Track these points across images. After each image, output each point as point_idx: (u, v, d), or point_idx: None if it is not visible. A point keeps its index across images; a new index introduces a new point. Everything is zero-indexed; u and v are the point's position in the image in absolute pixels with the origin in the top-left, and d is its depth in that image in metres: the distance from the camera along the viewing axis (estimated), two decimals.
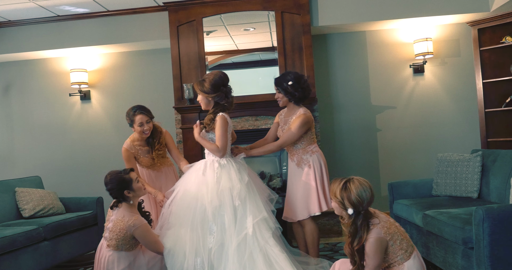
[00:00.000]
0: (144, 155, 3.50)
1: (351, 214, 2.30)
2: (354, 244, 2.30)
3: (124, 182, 2.93)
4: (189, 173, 3.20)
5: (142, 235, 2.86)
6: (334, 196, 2.37)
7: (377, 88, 5.14)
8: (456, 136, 5.07)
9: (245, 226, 2.91)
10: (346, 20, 4.82)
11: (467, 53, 5.05)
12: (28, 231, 3.54)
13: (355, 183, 2.31)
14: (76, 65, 5.31)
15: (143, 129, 3.38)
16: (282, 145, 3.30)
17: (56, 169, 5.37)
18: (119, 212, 2.92)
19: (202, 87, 3.09)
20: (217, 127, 3.04)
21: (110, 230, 2.90)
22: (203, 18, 4.83)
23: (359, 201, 2.28)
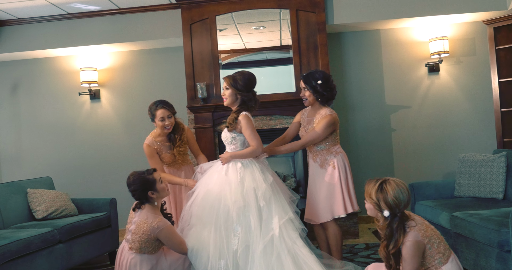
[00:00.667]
0: (166, 151, 3.43)
1: (387, 216, 2.25)
2: (390, 247, 2.23)
3: (148, 183, 2.85)
4: (211, 173, 3.13)
5: (167, 237, 2.79)
6: (369, 198, 2.30)
7: (391, 88, 5.08)
8: (472, 136, 5.01)
9: (271, 227, 2.85)
10: (361, 19, 4.75)
11: (483, 52, 4.99)
12: (43, 233, 3.46)
13: (392, 184, 2.25)
14: (86, 63, 5.22)
15: (164, 124, 3.32)
16: (305, 144, 3.23)
17: (65, 170, 5.27)
18: (142, 214, 2.84)
19: (235, 83, 3.03)
20: (244, 127, 2.99)
21: (133, 232, 2.82)
22: (217, 16, 4.75)
23: (396, 203, 2.21)
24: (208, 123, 4.66)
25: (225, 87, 3.06)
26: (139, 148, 5.19)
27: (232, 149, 3.11)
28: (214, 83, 4.75)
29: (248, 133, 3.00)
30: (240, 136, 3.07)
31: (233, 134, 3.06)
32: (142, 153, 5.15)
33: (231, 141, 3.09)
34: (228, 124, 3.06)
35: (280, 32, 4.97)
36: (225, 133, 3.14)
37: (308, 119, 3.36)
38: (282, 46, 4.92)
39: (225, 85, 3.06)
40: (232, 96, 3.06)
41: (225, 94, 3.07)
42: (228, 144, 3.12)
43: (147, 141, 3.42)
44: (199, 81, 4.74)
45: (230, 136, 3.08)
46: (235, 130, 3.05)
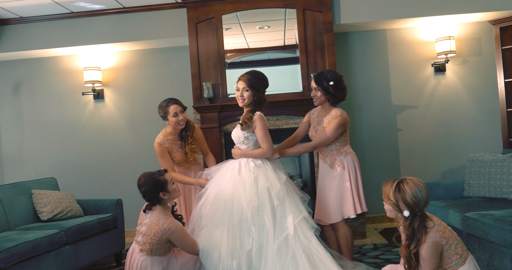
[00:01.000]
0: (177, 150, 3.40)
1: (408, 216, 2.22)
2: (411, 247, 2.21)
3: (159, 184, 2.82)
4: (222, 173, 3.09)
5: (178, 238, 2.76)
6: (387, 199, 2.28)
7: (397, 87, 5.06)
8: (478, 136, 5.00)
9: (285, 226, 2.82)
10: (368, 18, 4.72)
11: (489, 52, 4.98)
12: (50, 235, 3.42)
13: (409, 183, 2.23)
14: (90, 63, 5.17)
15: (178, 119, 3.29)
16: (316, 146, 3.21)
17: (69, 170, 5.22)
18: (153, 215, 2.80)
19: (255, 84, 3.03)
20: (258, 128, 2.97)
21: (144, 234, 2.78)
22: (223, 15, 4.72)
23: (415, 202, 2.20)
24: (214, 123, 4.63)
25: (244, 88, 3.01)
26: (143, 148, 5.18)
27: (245, 149, 3.08)
28: (220, 82, 4.71)
29: (261, 134, 2.98)
30: (253, 136, 3.04)
31: (246, 133, 3.03)
32: (146, 153, 5.16)
33: (244, 141, 3.06)
34: (243, 122, 3.02)
35: (284, 32, 4.95)
36: (237, 133, 3.10)
37: (318, 119, 3.34)
38: (285, 45, 4.89)
39: (243, 86, 3.01)
40: (250, 97, 3.03)
41: (244, 96, 3.02)
42: (240, 143, 3.09)
43: (158, 139, 3.39)
44: (205, 81, 4.70)
45: (242, 135, 3.05)
46: (248, 130, 3.02)
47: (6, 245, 3.09)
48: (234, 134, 3.14)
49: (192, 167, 3.51)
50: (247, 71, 3.10)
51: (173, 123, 3.33)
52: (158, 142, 3.38)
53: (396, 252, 3.90)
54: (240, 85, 3.03)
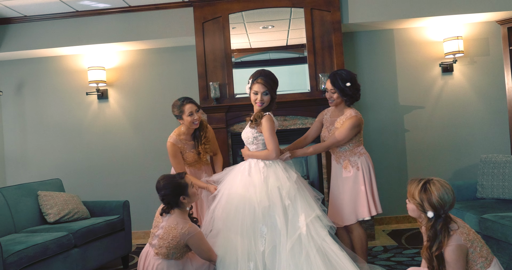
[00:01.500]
0: (190, 150, 3.36)
1: (431, 218, 2.18)
2: (433, 249, 2.17)
3: (180, 188, 2.75)
4: (233, 175, 3.05)
5: (197, 243, 2.70)
6: (412, 198, 2.25)
7: (405, 88, 5.03)
8: (485, 137, 4.99)
9: (297, 225, 2.78)
10: (375, 18, 4.68)
11: (497, 52, 4.96)
12: (59, 238, 3.37)
13: (436, 184, 2.19)
14: (94, 62, 5.10)
15: (193, 118, 3.25)
16: (330, 146, 3.16)
17: (72, 171, 5.14)
18: (171, 219, 2.74)
19: (274, 87, 3.00)
20: (265, 128, 2.93)
21: (160, 237, 2.72)
22: (230, 15, 4.67)
23: (440, 204, 2.16)
24: (221, 123, 4.57)
25: (263, 92, 2.95)
26: (148, 149, 5.12)
27: (254, 149, 3.04)
28: (227, 82, 4.66)
29: (267, 135, 2.93)
30: (261, 136, 3.01)
31: (255, 133, 3.00)
32: (151, 153, 5.10)
33: (253, 141, 3.02)
34: (253, 119, 2.97)
35: (288, 32, 4.90)
36: (246, 133, 3.06)
37: (331, 120, 3.29)
38: (289, 45, 4.84)
39: (263, 90, 2.95)
40: (268, 100, 3.00)
41: (263, 100, 2.97)
42: (250, 144, 3.05)
43: (171, 139, 3.34)
44: (211, 81, 4.65)
45: (252, 135, 3.01)
46: (257, 129, 2.98)
47: (15, 248, 3.03)
48: (243, 134, 3.10)
49: (203, 167, 3.48)
50: (260, 73, 3.02)
51: (188, 123, 3.28)
52: (172, 142, 3.33)
53: (407, 254, 3.87)
54: (259, 89, 2.96)
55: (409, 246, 4.14)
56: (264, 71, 3.05)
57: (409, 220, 4.99)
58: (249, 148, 3.08)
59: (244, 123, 4.64)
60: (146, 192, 5.06)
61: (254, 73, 3.06)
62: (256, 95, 2.98)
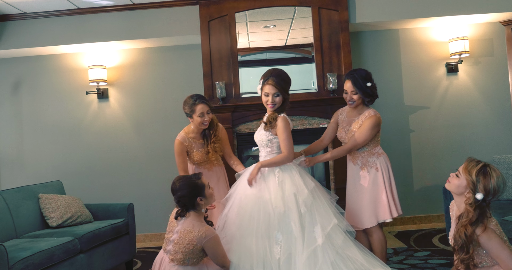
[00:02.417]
0: (198, 149, 3.24)
1: (479, 200, 2.14)
2: (473, 228, 2.13)
3: (197, 188, 2.64)
4: (246, 179, 2.94)
5: (213, 247, 2.59)
6: (467, 174, 2.21)
7: (410, 88, 5.00)
8: (490, 137, 4.98)
9: (313, 236, 2.69)
10: (383, 18, 4.65)
11: (501, 52, 4.97)
12: (65, 243, 3.22)
13: (497, 171, 2.17)
14: (95, 61, 4.96)
15: (203, 120, 3.14)
16: (352, 148, 3.08)
17: (71, 173, 4.98)
18: (187, 223, 2.63)
19: (286, 87, 2.88)
20: (281, 130, 2.83)
21: (176, 242, 2.60)
22: (236, 13, 4.58)
23: (495, 190, 2.14)
24: (227, 123, 4.47)
25: (274, 94, 2.84)
26: (149, 150, 5.00)
27: (268, 152, 2.93)
28: (233, 82, 4.57)
29: (283, 137, 2.83)
30: (276, 138, 2.90)
31: (269, 136, 2.89)
32: (153, 154, 4.98)
33: (267, 144, 2.91)
34: (268, 122, 2.86)
35: (289, 31, 4.84)
36: (260, 135, 2.94)
37: (349, 120, 3.21)
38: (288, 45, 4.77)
39: (274, 91, 2.83)
40: (280, 102, 2.88)
41: (275, 101, 2.85)
42: (264, 146, 2.93)
43: (180, 137, 3.23)
44: (217, 80, 4.55)
45: (266, 138, 2.90)
46: (271, 132, 2.88)
47: (20, 255, 2.88)
48: (257, 137, 2.98)
49: (214, 168, 3.34)
50: (271, 73, 2.89)
51: (197, 123, 3.18)
52: (179, 140, 3.22)
53: (420, 257, 3.82)
54: (270, 90, 2.84)
55: (419, 248, 4.10)
56: (275, 71, 2.91)
57: (414, 221, 4.96)
58: (262, 150, 2.97)
59: (250, 123, 4.57)
60: (147, 194, 4.94)
61: (265, 73, 2.93)
62: (267, 97, 2.86)
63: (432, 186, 4.97)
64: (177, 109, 4.98)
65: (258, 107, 4.49)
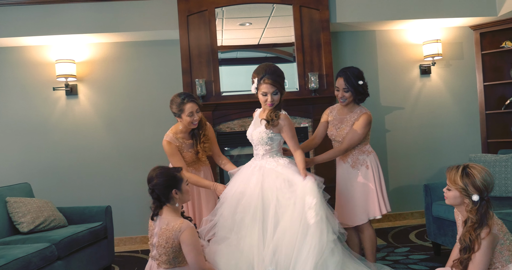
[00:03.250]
0: (187, 149, 3.11)
1: (477, 201, 2.18)
2: (478, 231, 2.16)
3: (175, 180, 2.48)
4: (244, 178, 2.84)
5: (189, 241, 2.38)
6: (454, 184, 2.24)
7: (386, 89, 5.09)
8: (459, 137, 5.18)
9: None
10: (362, 18, 4.70)
11: (470, 56, 5.18)
12: (41, 250, 3.00)
13: (477, 168, 2.21)
14: (63, 55, 4.65)
15: (192, 119, 3.01)
16: (347, 148, 3.08)
17: (37, 174, 4.64)
18: (161, 221, 2.46)
19: (283, 85, 2.81)
20: (287, 129, 2.80)
21: (157, 245, 2.44)
22: (216, 8, 4.46)
23: (484, 185, 2.18)
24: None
25: (273, 92, 2.76)
26: (122, 150, 4.77)
27: (267, 150, 2.86)
28: (213, 80, 4.44)
29: (290, 135, 2.81)
30: (277, 136, 2.84)
31: (270, 134, 2.82)
32: (126, 155, 4.76)
33: (267, 142, 2.84)
34: (270, 120, 2.78)
35: (264, 30, 4.78)
36: (259, 133, 2.84)
37: (340, 118, 3.21)
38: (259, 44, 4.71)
39: (272, 90, 2.75)
40: (279, 99, 2.81)
41: (274, 99, 2.77)
42: (263, 144, 2.85)
43: (168, 138, 3.07)
44: (196, 78, 4.41)
45: (266, 136, 2.82)
46: (272, 130, 2.81)
47: None
48: (255, 134, 2.87)
49: (201, 167, 3.23)
50: (266, 71, 2.77)
51: (186, 123, 3.04)
52: (168, 141, 3.07)
53: (401, 253, 3.89)
54: (268, 89, 2.75)
55: (398, 244, 4.17)
56: (269, 67, 2.80)
57: (389, 218, 5.06)
58: (260, 148, 2.88)
59: (231, 122, 4.47)
60: (121, 196, 4.71)
61: (257, 71, 2.82)
62: (266, 96, 2.77)
63: (407, 184, 5.10)
64: (153, 107, 4.81)
65: (240, 106, 4.41)
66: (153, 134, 4.69)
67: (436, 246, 3.78)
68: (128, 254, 4.41)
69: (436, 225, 3.70)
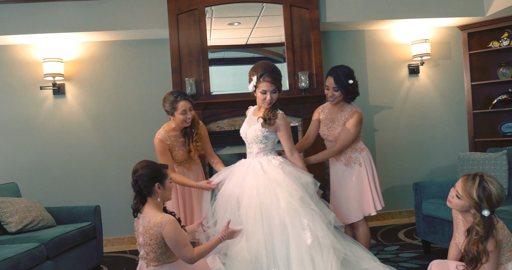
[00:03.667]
0: (179, 147, 3.09)
1: (487, 216, 2.15)
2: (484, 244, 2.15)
3: (159, 174, 2.45)
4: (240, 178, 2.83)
5: (170, 234, 2.34)
6: (467, 196, 2.18)
7: (375, 88, 5.13)
8: (447, 136, 5.24)
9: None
10: (351, 18, 4.73)
11: (458, 56, 5.24)
12: (31, 249, 2.95)
13: (493, 183, 2.16)
14: (50, 54, 4.59)
15: (185, 117, 2.99)
16: (342, 148, 3.10)
17: (25, 174, 4.57)
18: (144, 219, 2.43)
19: (281, 80, 2.80)
20: (284, 129, 2.81)
21: (143, 244, 2.42)
22: (206, 7, 4.45)
23: (498, 202, 2.16)
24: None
25: (272, 90, 2.76)
26: (110, 150, 4.73)
27: (262, 148, 2.85)
28: (203, 79, 4.43)
29: (287, 136, 2.82)
30: (272, 134, 2.85)
31: (265, 132, 2.82)
32: (114, 155, 4.72)
33: (262, 140, 2.84)
34: (267, 119, 2.78)
35: (252, 29, 4.79)
36: (254, 131, 2.83)
37: (331, 117, 3.22)
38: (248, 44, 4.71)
39: (272, 88, 2.75)
40: (276, 98, 2.82)
41: (273, 98, 2.78)
42: (257, 142, 2.84)
43: (159, 135, 3.05)
44: (186, 77, 4.40)
45: (262, 134, 2.82)
46: (268, 128, 2.81)
47: None
48: (250, 132, 2.86)
49: (192, 167, 3.21)
50: (265, 69, 2.76)
51: (179, 121, 3.02)
52: (160, 139, 3.04)
53: (390, 251, 3.92)
54: (268, 88, 2.75)
55: (388, 243, 4.20)
56: (268, 66, 2.80)
57: (377, 217, 5.09)
58: (254, 146, 2.86)
59: (221, 121, 4.46)
60: (109, 196, 4.67)
61: (256, 69, 2.80)
62: (265, 94, 2.77)
63: (395, 183, 5.13)
64: (142, 106, 4.78)
65: (230, 105, 4.40)
66: (142, 134, 4.66)
67: (426, 244, 3.82)
68: (116, 254, 4.36)
69: (426, 223, 3.73)
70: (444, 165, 5.19)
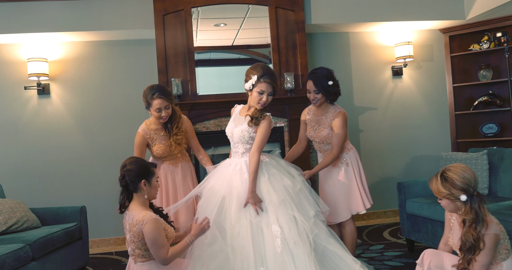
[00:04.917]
0: (160, 141, 3.08)
1: (466, 200, 2.21)
2: (478, 228, 2.19)
3: (147, 171, 2.49)
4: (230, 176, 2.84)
5: (149, 233, 2.34)
6: (439, 193, 2.26)
7: (359, 90, 5.20)
8: (430, 137, 5.34)
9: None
10: (336, 20, 4.79)
11: (440, 58, 5.35)
12: (16, 250, 2.93)
13: (452, 169, 2.25)
14: (35, 53, 4.54)
15: (160, 115, 2.99)
16: (338, 151, 3.14)
17: (9, 175, 4.50)
18: (129, 216, 2.46)
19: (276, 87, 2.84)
20: (264, 130, 2.78)
21: (130, 241, 2.45)
22: (192, 8, 4.46)
23: (465, 183, 2.21)
24: None
25: (269, 93, 2.78)
26: (96, 150, 4.71)
27: (247, 149, 2.86)
28: (190, 79, 4.44)
29: (261, 137, 2.78)
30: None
31: (251, 133, 2.83)
32: (100, 155, 4.70)
33: (248, 140, 2.84)
34: (255, 118, 2.79)
35: (238, 31, 4.82)
36: (241, 131, 2.83)
37: (317, 119, 3.26)
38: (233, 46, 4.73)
39: (270, 90, 2.78)
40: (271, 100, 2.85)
41: (268, 100, 2.80)
42: (244, 142, 2.85)
43: (141, 129, 3.08)
44: (172, 77, 4.40)
45: (248, 135, 2.82)
46: (254, 128, 2.83)
47: None
48: (236, 132, 2.86)
49: (180, 164, 3.18)
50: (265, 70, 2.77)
51: (154, 118, 3.05)
52: (140, 133, 3.08)
53: (375, 250, 3.97)
54: (267, 89, 2.77)
55: (373, 242, 4.26)
56: (267, 68, 2.81)
57: (363, 217, 5.16)
58: (239, 146, 2.87)
59: (207, 122, 4.47)
60: (95, 197, 4.63)
61: (256, 69, 2.80)
62: (262, 95, 2.77)
63: (380, 184, 5.21)
64: (127, 107, 4.76)
65: (216, 106, 4.42)
66: (128, 134, 4.62)
67: (410, 243, 3.88)
68: (102, 256, 4.33)
69: (410, 222, 3.80)
70: (427, 165, 5.28)
